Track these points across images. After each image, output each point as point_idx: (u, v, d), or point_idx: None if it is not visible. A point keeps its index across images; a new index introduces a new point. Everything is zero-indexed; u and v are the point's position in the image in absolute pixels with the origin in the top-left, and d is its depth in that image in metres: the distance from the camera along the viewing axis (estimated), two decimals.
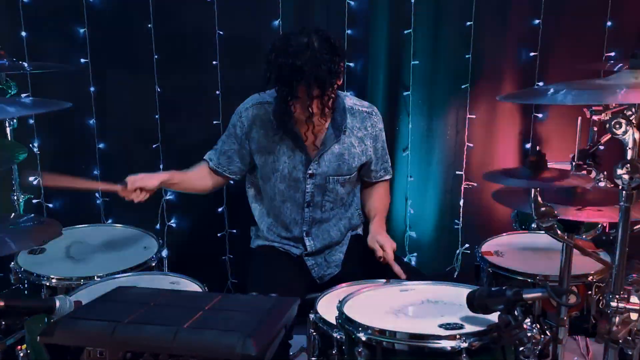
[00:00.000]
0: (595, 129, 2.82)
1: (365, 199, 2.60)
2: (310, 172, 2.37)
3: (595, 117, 2.78)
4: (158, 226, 3.28)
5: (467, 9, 3.08)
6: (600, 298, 2.11)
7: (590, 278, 2.10)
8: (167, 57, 3.12)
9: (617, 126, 1.35)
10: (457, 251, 3.38)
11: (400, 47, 3.13)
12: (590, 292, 2.11)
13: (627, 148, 1.38)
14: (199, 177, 2.54)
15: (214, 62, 3.11)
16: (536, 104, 3.10)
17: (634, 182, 1.32)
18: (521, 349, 1.34)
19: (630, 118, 1.35)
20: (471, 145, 3.25)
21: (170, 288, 2.10)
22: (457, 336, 1.31)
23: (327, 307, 1.88)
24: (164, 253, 3.21)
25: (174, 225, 3.31)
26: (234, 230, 3.34)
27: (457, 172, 3.30)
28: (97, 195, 3.27)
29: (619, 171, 1.35)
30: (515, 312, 1.27)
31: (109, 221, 3.27)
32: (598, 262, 1.59)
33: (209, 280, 2.22)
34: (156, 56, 3.11)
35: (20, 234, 1.85)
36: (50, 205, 3.27)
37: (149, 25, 3.07)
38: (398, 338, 1.33)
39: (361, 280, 2.07)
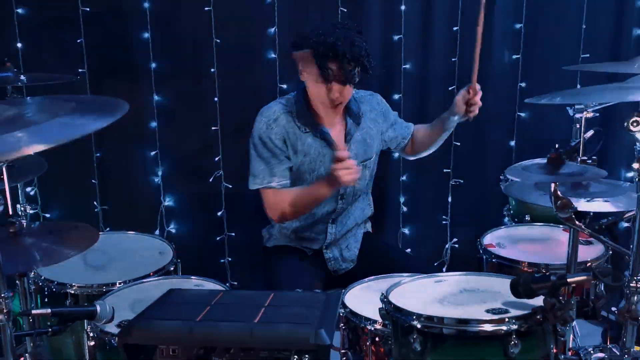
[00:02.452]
0: (578, 126, 3.02)
1: (421, 136, 2.70)
2: None
3: (577, 115, 2.98)
4: (157, 232, 3.33)
5: (454, 14, 3.24)
6: (598, 283, 2.27)
7: (589, 264, 2.27)
8: (165, 65, 3.17)
9: (635, 124, 1.50)
10: (447, 246, 3.53)
11: (391, 52, 3.26)
12: (594, 281, 2.27)
13: None
14: None
15: (212, 70, 3.18)
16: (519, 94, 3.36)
17: None
18: (559, 328, 1.49)
19: None
20: (458, 144, 3.40)
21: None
22: (506, 319, 1.44)
23: (354, 302, 1.99)
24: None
25: (173, 230, 3.37)
26: (232, 234, 3.41)
27: (445, 170, 3.46)
28: (95, 203, 3.31)
29: (635, 165, 1.50)
30: (559, 296, 1.41)
31: (107, 229, 3.31)
32: (613, 247, 1.74)
33: None
34: (154, 64, 3.16)
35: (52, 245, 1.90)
36: (48, 215, 3.29)
37: (147, 35, 3.12)
38: (448, 324, 1.46)
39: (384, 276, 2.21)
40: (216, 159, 3.28)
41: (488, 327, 1.44)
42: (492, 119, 3.40)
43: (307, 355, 1.27)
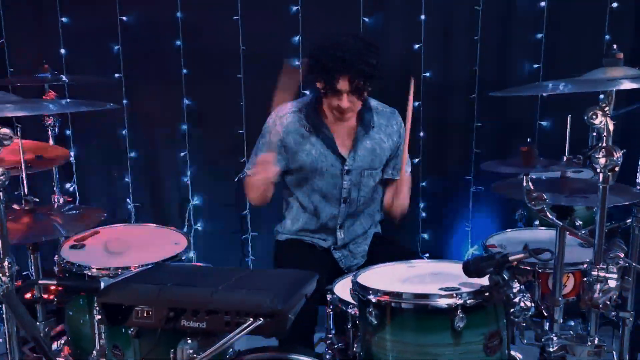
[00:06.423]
0: (595, 134, 3.02)
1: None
2: (346, 168, 2.58)
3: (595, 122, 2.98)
4: (185, 229, 3.51)
5: (474, 24, 3.31)
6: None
7: (584, 265, 2.28)
8: (195, 71, 3.38)
9: (594, 117, 1.55)
10: (467, 252, 3.56)
11: (411, 60, 3.35)
12: (585, 279, 2.28)
13: (603, 135, 1.58)
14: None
15: (238, 75, 3.35)
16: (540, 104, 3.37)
17: (609, 165, 1.53)
18: (512, 310, 1.53)
19: (605, 110, 1.55)
20: (479, 151, 3.44)
21: None
22: (454, 295, 1.51)
23: (340, 290, 2.08)
24: (191, 254, 3.45)
25: (200, 228, 3.54)
26: (256, 233, 3.55)
27: (466, 177, 3.50)
28: (128, 200, 3.52)
29: (596, 156, 1.55)
30: (504, 274, 1.47)
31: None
32: (582, 240, 1.78)
33: None
34: (184, 70, 3.37)
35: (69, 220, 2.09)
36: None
37: (178, 42, 3.34)
38: (403, 298, 1.54)
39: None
40: (241, 160, 3.43)
41: (434, 302, 1.51)
42: (512, 126, 3.44)
43: (261, 319, 1.38)
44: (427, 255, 3.55)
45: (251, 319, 1.39)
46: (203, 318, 1.45)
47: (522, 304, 1.56)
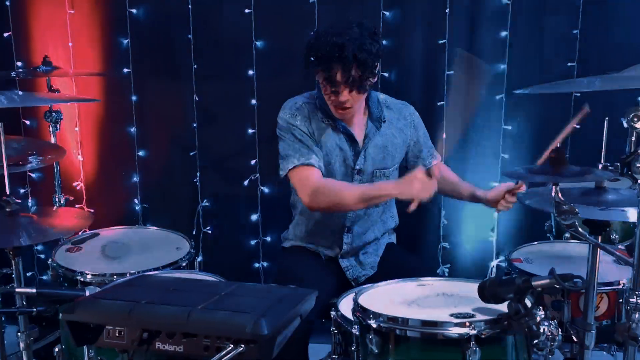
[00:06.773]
0: (634, 139, 2.77)
1: (442, 182, 2.49)
2: (357, 167, 2.38)
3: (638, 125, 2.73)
4: (194, 232, 3.35)
5: (502, 18, 3.08)
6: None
7: (621, 285, 2.06)
8: (205, 66, 3.22)
9: (635, 120, 1.34)
10: (492, 263, 3.33)
11: (434, 57, 3.14)
12: (621, 300, 2.06)
13: None
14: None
15: (250, 72, 3.18)
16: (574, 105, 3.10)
17: None
18: (535, 341, 1.33)
19: None
20: (505, 156, 3.22)
21: None
22: (467, 324, 1.31)
23: (345, 307, 1.89)
24: (199, 259, 3.30)
25: (209, 231, 3.38)
26: (268, 238, 3.38)
27: (492, 184, 3.27)
28: (135, 201, 3.38)
29: (637, 164, 1.34)
30: (526, 301, 1.27)
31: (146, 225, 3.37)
32: (621, 260, 1.56)
33: None
34: (195, 66, 3.21)
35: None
36: (92, 210, 3.38)
37: (189, 36, 3.18)
38: (409, 325, 1.34)
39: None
40: (253, 162, 3.26)
41: (445, 330, 1.31)
42: (543, 130, 3.21)
43: (242, 345, 1.20)
44: (448, 266, 3.34)
45: (231, 345, 1.21)
46: (180, 341, 1.28)
47: (547, 333, 1.35)
